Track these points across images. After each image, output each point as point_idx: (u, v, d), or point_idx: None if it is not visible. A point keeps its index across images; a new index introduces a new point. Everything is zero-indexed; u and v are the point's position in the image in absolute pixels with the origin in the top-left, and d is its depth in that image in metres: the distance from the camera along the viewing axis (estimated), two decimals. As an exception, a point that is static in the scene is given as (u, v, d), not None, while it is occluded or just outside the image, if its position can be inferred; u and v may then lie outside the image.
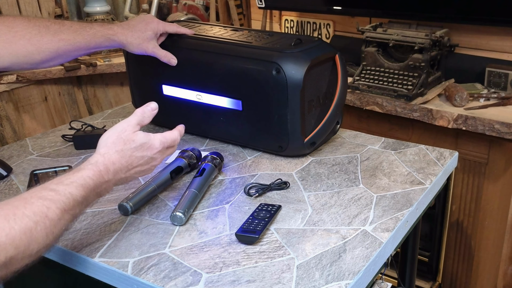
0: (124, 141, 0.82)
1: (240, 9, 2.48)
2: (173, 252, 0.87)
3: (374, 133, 1.39)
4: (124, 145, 0.82)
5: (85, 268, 0.88)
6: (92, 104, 2.46)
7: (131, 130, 0.84)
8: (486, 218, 1.75)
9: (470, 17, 1.73)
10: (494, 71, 1.77)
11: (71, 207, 0.72)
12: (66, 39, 1.07)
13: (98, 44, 1.12)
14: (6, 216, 0.64)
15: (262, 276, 0.81)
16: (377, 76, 1.85)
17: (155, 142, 0.86)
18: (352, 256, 0.85)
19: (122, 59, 2.26)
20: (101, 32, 1.12)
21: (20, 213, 0.65)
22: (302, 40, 1.17)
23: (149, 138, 0.85)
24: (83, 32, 1.09)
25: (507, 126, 1.55)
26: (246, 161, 1.21)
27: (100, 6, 2.53)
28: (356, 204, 1.01)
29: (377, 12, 1.94)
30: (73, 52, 1.09)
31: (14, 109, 2.23)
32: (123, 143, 0.82)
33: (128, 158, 0.82)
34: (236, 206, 1.02)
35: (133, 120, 0.85)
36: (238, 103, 1.18)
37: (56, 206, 0.69)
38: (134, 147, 0.83)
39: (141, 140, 0.84)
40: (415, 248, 1.24)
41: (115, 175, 0.81)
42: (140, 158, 0.84)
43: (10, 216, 0.64)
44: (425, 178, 1.11)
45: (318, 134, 1.20)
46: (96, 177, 0.77)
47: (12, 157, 1.25)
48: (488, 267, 1.81)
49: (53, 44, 1.05)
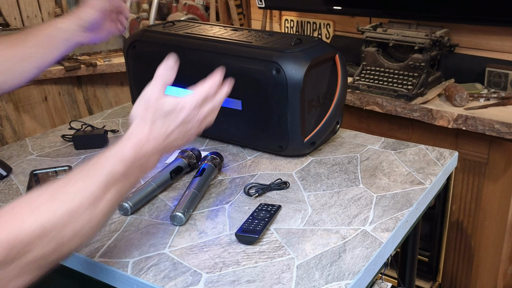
0: (154, 109, 0.77)
1: (240, 9, 2.48)
2: (173, 252, 0.87)
3: (374, 133, 1.39)
4: (154, 113, 0.77)
5: (85, 268, 0.88)
6: (92, 104, 2.46)
7: (158, 96, 0.78)
8: (486, 218, 1.74)
9: (470, 17, 1.73)
10: (494, 71, 1.77)
11: (113, 183, 0.70)
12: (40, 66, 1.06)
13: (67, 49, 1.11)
14: (50, 198, 0.65)
15: (262, 276, 0.81)
16: (377, 76, 1.85)
17: (186, 102, 0.79)
18: (352, 256, 0.85)
19: (122, 59, 2.26)
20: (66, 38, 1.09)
21: (63, 193, 0.66)
22: (302, 40, 1.17)
23: (177, 100, 0.79)
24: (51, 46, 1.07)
25: (507, 126, 1.55)
26: (246, 161, 1.21)
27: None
28: (356, 204, 1.01)
29: (377, 12, 1.95)
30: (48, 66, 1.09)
31: (14, 109, 2.23)
32: (153, 111, 0.77)
33: (161, 125, 0.77)
34: (236, 206, 1.01)
35: (157, 84, 0.79)
36: (238, 103, 1.18)
37: (99, 184, 0.68)
38: (164, 113, 0.77)
39: (169, 104, 0.78)
40: (415, 248, 1.24)
41: (154, 145, 0.76)
42: (174, 123, 0.78)
43: (54, 198, 0.65)
44: (425, 178, 1.11)
45: (318, 134, 1.20)
46: (134, 150, 0.73)
47: (12, 157, 1.25)
48: (488, 267, 1.81)
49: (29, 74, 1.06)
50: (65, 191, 0.67)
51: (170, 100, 0.78)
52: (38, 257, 0.62)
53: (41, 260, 0.63)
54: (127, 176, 0.72)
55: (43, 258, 0.63)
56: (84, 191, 0.67)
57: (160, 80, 0.79)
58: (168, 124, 0.77)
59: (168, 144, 0.78)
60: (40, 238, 0.62)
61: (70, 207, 0.65)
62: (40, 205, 0.64)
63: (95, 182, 0.68)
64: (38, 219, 0.62)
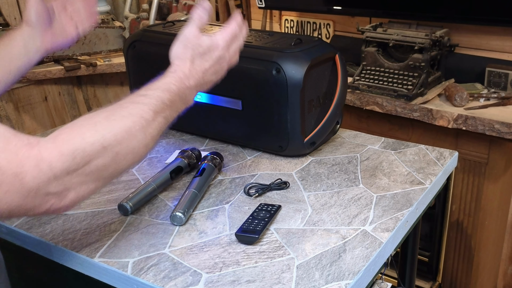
0: (192, 48, 0.85)
1: (240, 9, 2.48)
2: (173, 252, 0.87)
3: (374, 133, 1.39)
4: (193, 51, 0.85)
5: (85, 268, 0.88)
6: (92, 104, 2.46)
7: (194, 36, 0.86)
8: (486, 218, 1.74)
9: (470, 17, 1.73)
10: (494, 71, 1.77)
11: (162, 109, 0.77)
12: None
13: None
14: (106, 117, 0.71)
15: (262, 276, 0.81)
16: (377, 76, 1.85)
17: (218, 41, 0.87)
18: (352, 256, 0.85)
19: (122, 59, 2.26)
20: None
21: (118, 114, 0.72)
22: (302, 40, 1.17)
23: (212, 39, 0.87)
24: None
25: (507, 126, 1.55)
26: (246, 161, 1.21)
27: (100, 6, 2.53)
28: (356, 204, 1.01)
29: (377, 12, 1.94)
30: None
31: (14, 109, 2.23)
32: (192, 49, 0.85)
33: (200, 62, 0.86)
34: (236, 206, 1.01)
35: (193, 25, 0.86)
36: (238, 103, 1.18)
37: (149, 108, 0.75)
38: (202, 52, 0.86)
39: (206, 43, 0.86)
40: (415, 248, 1.24)
41: (194, 80, 0.85)
42: (210, 60, 0.87)
43: (110, 117, 0.71)
44: (425, 178, 1.11)
45: (318, 134, 1.20)
46: (178, 83, 0.82)
47: (12, 157, 1.25)
48: (488, 267, 1.81)
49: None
50: (120, 112, 0.73)
51: (205, 40, 0.86)
52: (99, 167, 0.68)
53: (101, 170, 0.69)
54: (172, 105, 0.79)
55: (103, 169, 0.69)
56: (137, 113, 0.73)
57: (196, 24, 0.86)
58: (205, 62, 0.86)
59: (205, 79, 0.87)
60: (100, 150, 0.67)
61: (126, 125, 0.71)
62: (99, 121, 0.70)
63: (146, 106, 0.75)
64: (99, 132, 0.68)
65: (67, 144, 0.65)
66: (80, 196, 0.68)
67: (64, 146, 0.65)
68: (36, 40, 0.98)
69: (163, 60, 1.12)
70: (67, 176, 0.65)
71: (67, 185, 0.65)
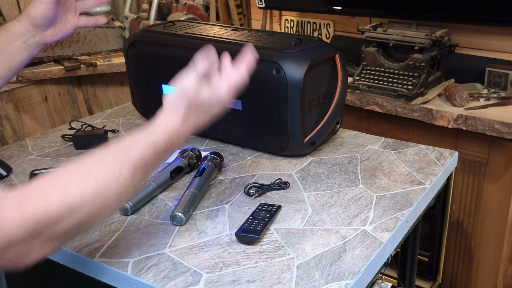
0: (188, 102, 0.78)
1: (240, 9, 2.48)
2: (173, 252, 0.87)
3: (374, 133, 1.39)
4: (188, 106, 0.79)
5: (85, 268, 0.88)
6: (92, 104, 2.46)
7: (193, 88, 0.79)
8: (486, 218, 1.74)
9: (470, 17, 1.73)
10: (494, 71, 1.77)
11: (142, 170, 0.73)
12: None
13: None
14: (80, 177, 0.67)
15: (262, 276, 0.81)
16: (377, 76, 1.85)
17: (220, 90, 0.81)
18: (352, 256, 0.85)
19: (122, 59, 2.26)
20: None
21: (94, 174, 0.68)
22: (302, 40, 1.17)
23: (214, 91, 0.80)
24: None
25: (507, 126, 1.55)
26: (246, 161, 1.21)
27: (100, 6, 2.52)
28: (356, 204, 1.01)
29: (377, 12, 1.94)
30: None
31: (14, 109, 2.23)
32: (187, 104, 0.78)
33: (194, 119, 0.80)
34: (236, 206, 1.01)
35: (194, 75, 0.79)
36: (238, 103, 1.18)
37: (129, 166, 0.70)
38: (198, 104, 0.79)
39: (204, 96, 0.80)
40: (415, 248, 1.24)
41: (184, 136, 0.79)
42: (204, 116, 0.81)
43: (84, 177, 0.67)
44: (425, 178, 1.11)
45: (318, 134, 1.20)
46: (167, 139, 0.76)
47: (12, 157, 1.25)
48: (488, 267, 1.81)
49: None
50: (95, 173, 0.68)
51: (204, 96, 0.80)
52: (64, 230, 0.65)
53: (66, 233, 0.66)
54: (155, 161, 0.76)
55: (68, 231, 0.66)
56: (113, 174, 0.69)
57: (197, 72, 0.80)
58: (199, 116, 0.81)
59: (196, 127, 0.81)
60: (66, 214, 0.64)
61: (99, 190, 0.67)
62: (72, 181, 0.66)
63: (125, 166, 0.70)
64: (66, 200, 0.64)
65: (31, 209, 0.62)
66: (43, 255, 0.66)
67: (28, 211, 0.61)
68: (36, 36, 1.00)
69: (163, 60, 1.13)
70: (27, 242, 0.62)
71: (26, 249, 0.62)
